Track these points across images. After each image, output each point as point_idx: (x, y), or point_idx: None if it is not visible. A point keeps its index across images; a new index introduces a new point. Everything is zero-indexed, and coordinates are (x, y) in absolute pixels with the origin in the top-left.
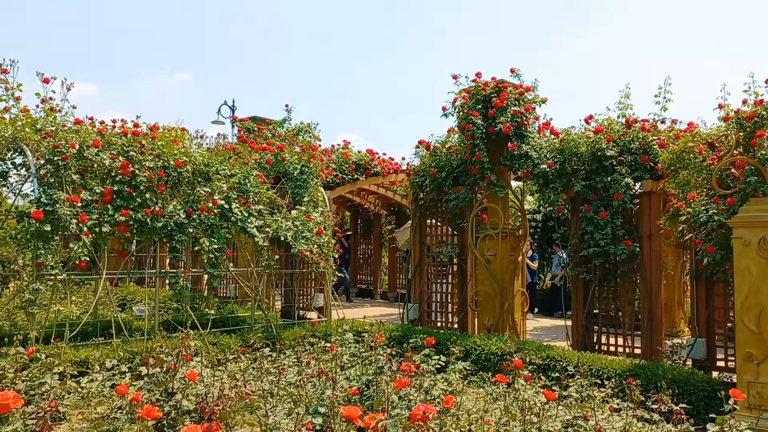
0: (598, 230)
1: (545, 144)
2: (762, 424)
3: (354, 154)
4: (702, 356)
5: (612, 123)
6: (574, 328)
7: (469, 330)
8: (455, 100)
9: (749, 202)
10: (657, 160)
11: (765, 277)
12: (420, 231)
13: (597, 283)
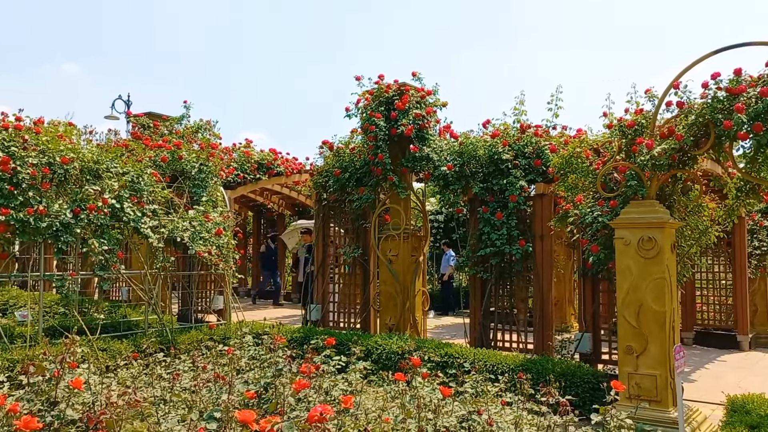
0: (495, 231)
1: (446, 147)
2: (640, 413)
3: (256, 153)
4: (588, 350)
5: (508, 128)
6: (472, 325)
7: (371, 330)
8: (358, 101)
9: (630, 205)
10: (548, 164)
11: (644, 275)
12: (323, 231)
13: (493, 282)
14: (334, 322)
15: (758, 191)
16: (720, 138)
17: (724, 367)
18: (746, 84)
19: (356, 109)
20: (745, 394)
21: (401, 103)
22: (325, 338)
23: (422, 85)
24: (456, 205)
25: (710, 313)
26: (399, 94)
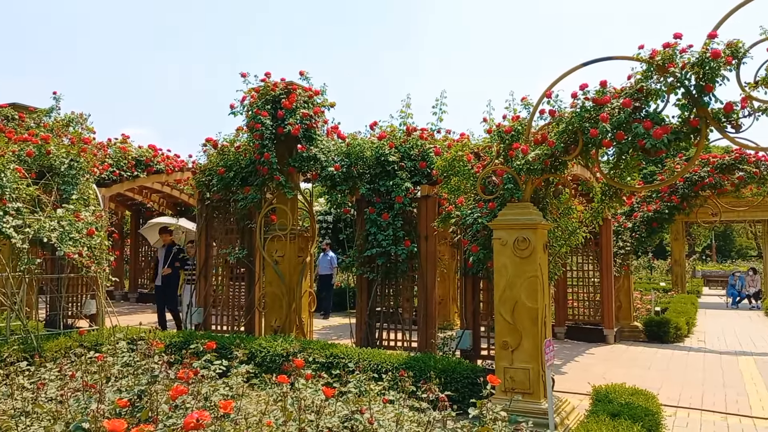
0: (381, 231)
1: (333, 147)
2: (515, 405)
3: (134, 150)
4: (469, 346)
5: (394, 130)
6: (358, 325)
7: (256, 332)
8: (244, 98)
9: (507, 207)
10: (433, 167)
11: (519, 274)
12: (206, 232)
13: (379, 282)
14: (217, 325)
15: (620, 195)
16: (587, 145)
17: (592, 359)
18: (611, 95)
19: (242, 106)
20: (608, 385)
21: (288, 102)
22: (205, 342)
23: (310, 84)
24: (343, 205)
25: (581, 309)
26: (286, 93)
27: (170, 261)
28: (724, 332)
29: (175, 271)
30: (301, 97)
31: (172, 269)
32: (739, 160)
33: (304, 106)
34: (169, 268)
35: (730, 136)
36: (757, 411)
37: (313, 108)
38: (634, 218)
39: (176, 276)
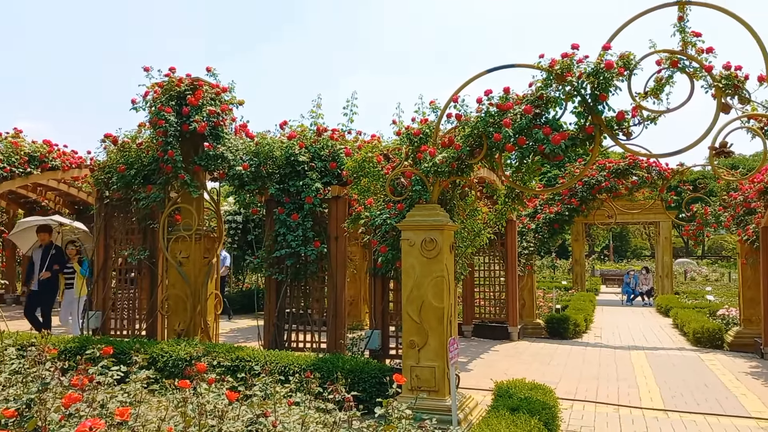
0: (291, 232)
1: (241, 146)
2: (421, 403)
3: (27, 145)
4: (378, 346)
5: (305, 130)
6: (266, 327)
7: (158, 336)
8: (146, 93)
9: (415, 208)
10: (343, 167)
11: (426, 274)
12: (105, 232)
13: (289, 283)
14: (117, 329)
15: (522, 197)
16: (491, 149)
17: (496, 356)
18: (513, 101)
19: (144, 101)
20: (509, 380)
21: (194, 98)
22: (102, 347)
23: (217, 81)
24: (252, 205)
25: (487, 308)
26: (192, 89)
27: (48, 263)
28: (619, 328)
29: (55, 274)
30: (207, 93)
31: (52, 273)
32: (632, 166)
33: (211, 103)
34: (48, 272)
35: (622, 142)
36: (646, 402)
37: (220, 105)
38: (538, 220)
39: (55, 280)
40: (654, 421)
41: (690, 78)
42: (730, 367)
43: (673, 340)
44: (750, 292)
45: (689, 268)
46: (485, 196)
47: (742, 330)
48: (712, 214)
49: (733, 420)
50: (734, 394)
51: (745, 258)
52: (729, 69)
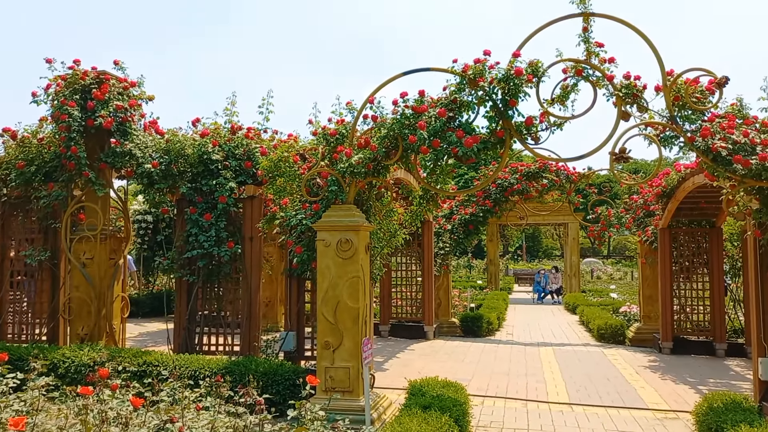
0: (203, 232)
1: (151, 143)
2: (335, 404)
3: None
4: (293, 348)
5: (219, 128)
6: (176, 330)
7: (60, 341)
8: (48, 86)
9: (331, 209)
10: (258, 167)
11: (341, 275)
12: (2, 232)
13: (201, 285)
14: (15, 335)
15: (437, 199)
16: (407, 151)
17: (412, 355)
18: (428, 104)
19: (46, 95)
20: (423, 379)
21: (100, 92)
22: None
23: (125, 75)
24: (162, 205)
25: (404, 308)
26: (98, 82)
27: None
28: (530, 325)
29: None
30: (114, 88)
31: None
32: (542, 169)
33: (119, 98)
34: None
35: (531, 147)
36: (553, 396)
37: (128, 100)
38: (453, 221)
39: None
40: (559, 414)
41: (593, 86)
42: (630, 362)
43: (579, 337)
44: (649, 290)
45: (596, 267)
46: (401, 197)
47: (642, 326)
48: (615, 216)
49: (632, 412)
50: (634, 387)
51: (644, 258)
52: (629, 79)
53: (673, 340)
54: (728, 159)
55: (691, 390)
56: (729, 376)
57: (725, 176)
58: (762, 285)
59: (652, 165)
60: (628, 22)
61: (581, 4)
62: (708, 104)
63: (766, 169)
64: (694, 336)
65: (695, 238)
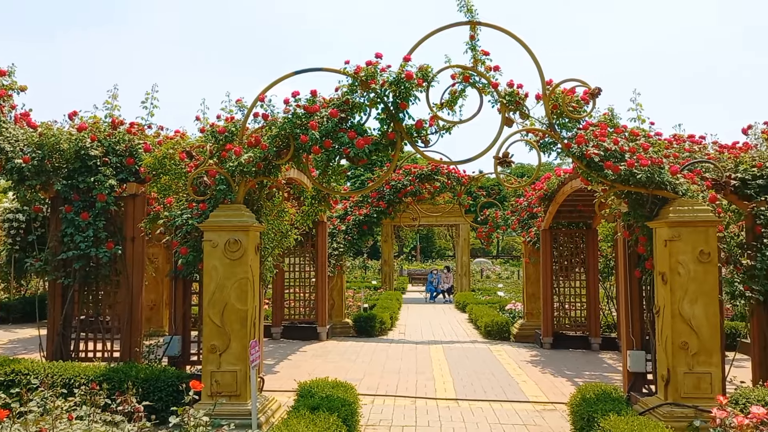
0: (80, 232)
1: (22, 136)
2: (221, 409)
3: None
4: (177, 353)
5: (98, 122)
6: (50, 336)
7: None
8: None
9: (219, 209)
10: (141, 164)
11: (229, 276)
12: None
13: (77, 288)
14: None
15: (329, 199)
16: (298, 150)
17: (304, 356)
18: (320, 104)
19: None
20: (313, 380)
21: None
22: None
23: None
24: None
25: (298, 309)
26: None
27: None
28: (422, 324)
29: None
30: None
31: None
32: (435, 172)
33: None
34: None
35: (421, 149)
36: (441, 393)
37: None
38: (348, 221)
39: None
40: (446, 410)
41: (479, 93)
42: (514, 357)
43: (468, 334)
44: (532, 288)
45: (485, 267)
46: (293, 197)
47: (525, 322)
48: (502, 218)
49: (514, 405)
50: (516, 381)
51: (528, 257)
52: (512, 87)
53: (553, 336)
54: (600, 165)
55: (568, 382)
56: (602, 369)
57: (598, 181)
58: (630, 282)
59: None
60: (511, 32)
61: (468, 13)
62: (583, 113)
63: (633, 175)
64: (572, 331)
65: (573, 239)
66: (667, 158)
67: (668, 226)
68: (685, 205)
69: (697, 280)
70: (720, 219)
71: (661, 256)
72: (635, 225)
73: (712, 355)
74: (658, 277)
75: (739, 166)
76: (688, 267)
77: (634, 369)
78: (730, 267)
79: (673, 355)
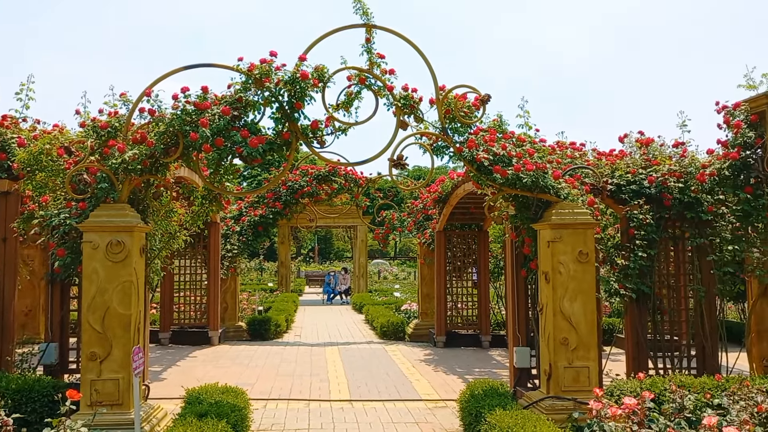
0: None
1: None
2: (101, 419)
3: None
4: (54, 361)
5: None
6: None
7: None
8: None
9: (100, 208)
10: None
11: (111, 279)
12: None
13: None
14: None
15: (220, 199)
16: (188, 148)
17: (194, 362)
18: (212, 101)
19: None
20: (201, 386)
21: None
22: None
23: None
24: None
25: (188, 313)
26: None
27: None
28: (318, 326)
29: None
30: None
31: None
32: (332, 173)
33: None
34: None
35: (317, 150)
36: (335, 394)
37: None
38: (243, 222)
39: None
40: (340, 411)
41: (375, 95)
42: (408, 356)
43: (364, 335)
44: (427, 288)
45: (383, 268)
46: (182, 197)
47: (420, 322)
48: (399, 220)
49: (407, 403)
50: (410, 380)
51: (423, 258)
52: (407, 90)
53: (446, 335)
54: (489, 169)
55: (459, 380)
56: (492, 365)
57: (488, 184)
58: (516, 282)
59: (435, 173)
60: (406, 37)
61: (364, 15)
62: (474, 118)
63: (520, 179)
64: (464, 330)
65: (466, 240)
66: (551, 164)
67: (551, 228)
68: (567, 208)
69: (577, 278)
70: (598, 222)
71: (544, 256)
72: (521, 227)
73: (589, 350)
74: (541, 277)
75: (615, 172)
76: (568, 266)
77: (520, 365)
78: (607, 267)
79: (555, 350)
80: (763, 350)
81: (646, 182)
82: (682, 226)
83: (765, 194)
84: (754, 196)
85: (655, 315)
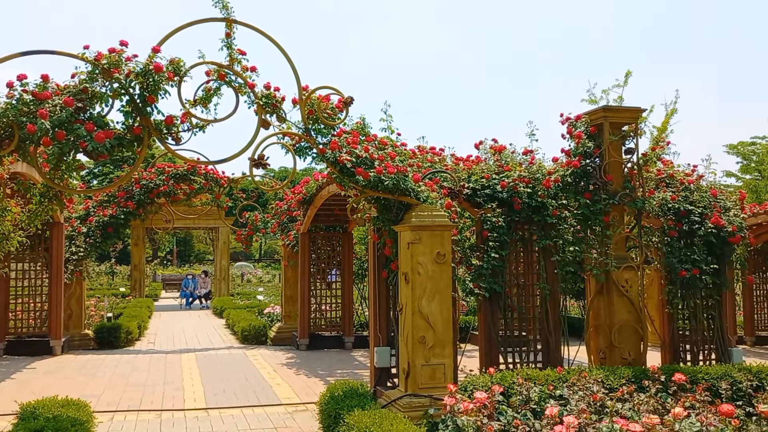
0: None
1: None
2: None
3: None
4: None
5: None
6: None
7: None
8: None
9: None
10: None
11: None
12: None
13: None
14: None
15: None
16: (24, 141)
17: (33, 374)
18: (53, 91)
19: None
20: (38, 400)
21: None
22: None
23: None
24: None
25: (27, 321)
26: None
27: None
28: (175, 332)
29: None
30: None
31: None
32: (191, 171)
33: None
34: None
35: (171, 147)
36: (190, 403)
37: None
38: (90, 222)
39: None
40: (194, 420)
41: (236, 92)
42: (270, 360)
43: (224, 340)
44: (290, 290)
45: (246, 270)
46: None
47: (283, 325)
48: (262, 221)
49: (266, 409)
50: (270, 384)
51: (287, 260)
52: (269, 89)
53: (309, 337)
54: (352, 171)
55: (321, 382)
56: (354, 366)
57: (351, 186)
58: (378, 283)
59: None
60: (268, 34)
61: (224, 9)
62: (337, 120)
63: (381, 182)
64: (328, 331)
65: (331, 242)
66: (412, 167)
67: (411, 230)
68: (426, 210)
69: (434, 279)
70: (455, 224)
71: (404, 257)
72: (383, 228)
73: (445, 348)
74: (401, 277)
75: (471, 177)
76: (426, 267)
77: (380, 364)
78: (464, 267)
79: (413, 349)
80: (599, 343)
81: (499, 187)
82: (530, 228)
83: (602, 200)
84: (593, 201)
85: (506, 312)
